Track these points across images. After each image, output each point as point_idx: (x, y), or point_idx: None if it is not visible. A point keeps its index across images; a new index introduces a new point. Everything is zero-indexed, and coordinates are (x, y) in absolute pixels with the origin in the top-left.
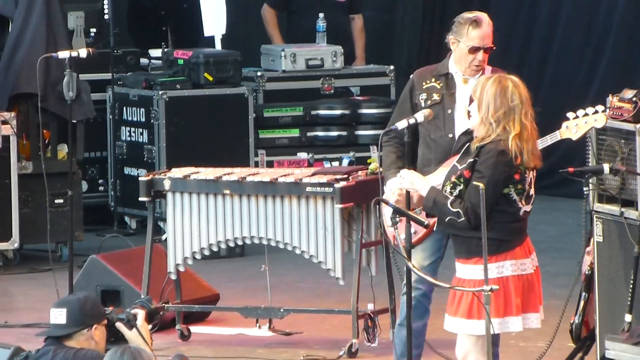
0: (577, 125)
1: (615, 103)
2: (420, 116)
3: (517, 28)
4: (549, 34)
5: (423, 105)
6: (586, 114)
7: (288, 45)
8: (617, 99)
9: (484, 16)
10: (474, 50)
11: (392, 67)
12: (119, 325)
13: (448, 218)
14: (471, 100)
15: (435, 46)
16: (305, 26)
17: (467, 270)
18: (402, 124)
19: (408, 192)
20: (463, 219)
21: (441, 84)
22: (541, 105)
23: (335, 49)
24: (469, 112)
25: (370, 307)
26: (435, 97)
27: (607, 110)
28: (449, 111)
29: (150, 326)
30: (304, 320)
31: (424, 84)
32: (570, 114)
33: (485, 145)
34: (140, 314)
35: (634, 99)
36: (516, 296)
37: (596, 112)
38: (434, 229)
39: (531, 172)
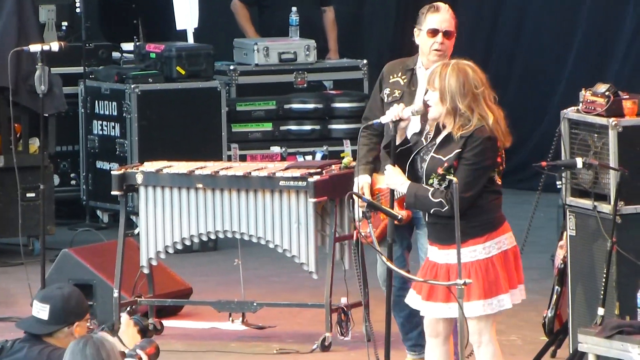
0: None
1: (588, 97)
2: (407, 112)
3: (484, 21)
4: (517, 28)
5: (386, 100)
6: None
7: (261, 39)
8: (590, 93)
9: (442, 4)
10: (432, 32)
11: (365, 61)
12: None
13: (432, 210)
14: (427, 90)
15: (409, 40)
16: (279, 20)
17: (465, 254)
18: (385, 119)
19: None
20: (447, 207)
21: (405, 80)
22: (510, 99)
23: (309, 43)
24: (426, 102)
25: (343, 300)
26: (397, 93)
27: (581, 104)
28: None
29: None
30: (277, 314)
31: (390, 77)
32: None
33: (472, 134)
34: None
35: (606, 93)
36: (515, 267)
37: None
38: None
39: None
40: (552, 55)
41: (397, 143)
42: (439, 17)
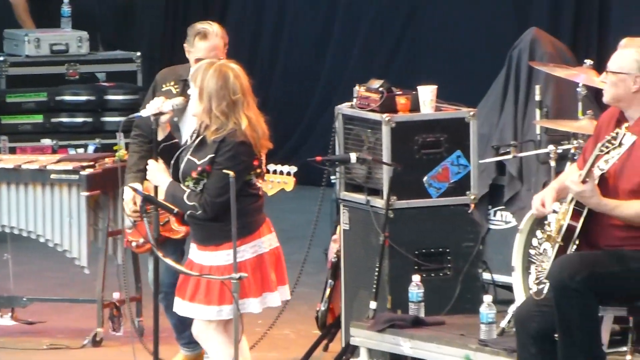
0: (272, 182)
1: (362, 93)
2: (168, 105)
3: (248, 22)
4: (277, 27)
5: None
6: (281, 172)
7: (32, 30)
8: (364, 89)
9: (213, 28)
10: (199, 62)
11: (138, 54)
12: None
13: (188, 212)
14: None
15: (180, 32)
16: (54, 11)
17: (221, 257)
18: (146, 112)
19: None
20: (200, 211)
21: (178, 89)
22: (273, 98)
23: (81, 34)
24: (189, 96)
25: (115, 295)
26: None
27: (355, 100)
28: (175, 119)
29: None
30: (47, 309)
31: (163, 86)
32: (270, 166)
33: (224, 138)
34: None
35: (380, 89)
36: (271, 271)
37: (289, 173)
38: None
39: (264, 153)
40: (312, 53)
41: (161, 138)
42: (208, 46)
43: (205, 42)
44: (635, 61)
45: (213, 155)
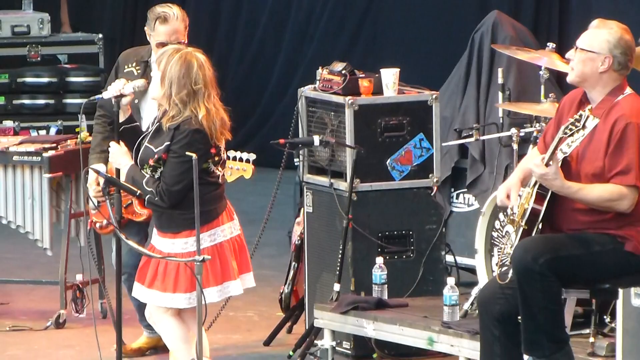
0: (232, 169)
1: (325, 75)
2: (129, 87)
3: (207, 2)
4: (235, 9)
5: None
6: (241, 159)
7: None
8: (327, 72)
9: (173, 12)
10: (160, 45)
11: (100, 36)
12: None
13: (147, 197)
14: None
15: (142, 14)
16: None
17: (178, 245)
18: (107, 94)
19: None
20: (157, 198)
21: (139, 70)
22: (231, 80)
23: (42, 16)
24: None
25: (78, 277)
26: None
27: (317, 82)
28: (136, 101)
29: None
30: (10, 291)
31: (125, 67)
32: (230, 153)
33: (179, 126)
34: None
35: (343, 71)
36: (232, 259)
37: (247, 161)
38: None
39: (223, 142)
40: (271, 36)
41: (122, 120)
42: (168, 30)
43: (166, 26)
44: (607, 42)
45: (169, 142)
